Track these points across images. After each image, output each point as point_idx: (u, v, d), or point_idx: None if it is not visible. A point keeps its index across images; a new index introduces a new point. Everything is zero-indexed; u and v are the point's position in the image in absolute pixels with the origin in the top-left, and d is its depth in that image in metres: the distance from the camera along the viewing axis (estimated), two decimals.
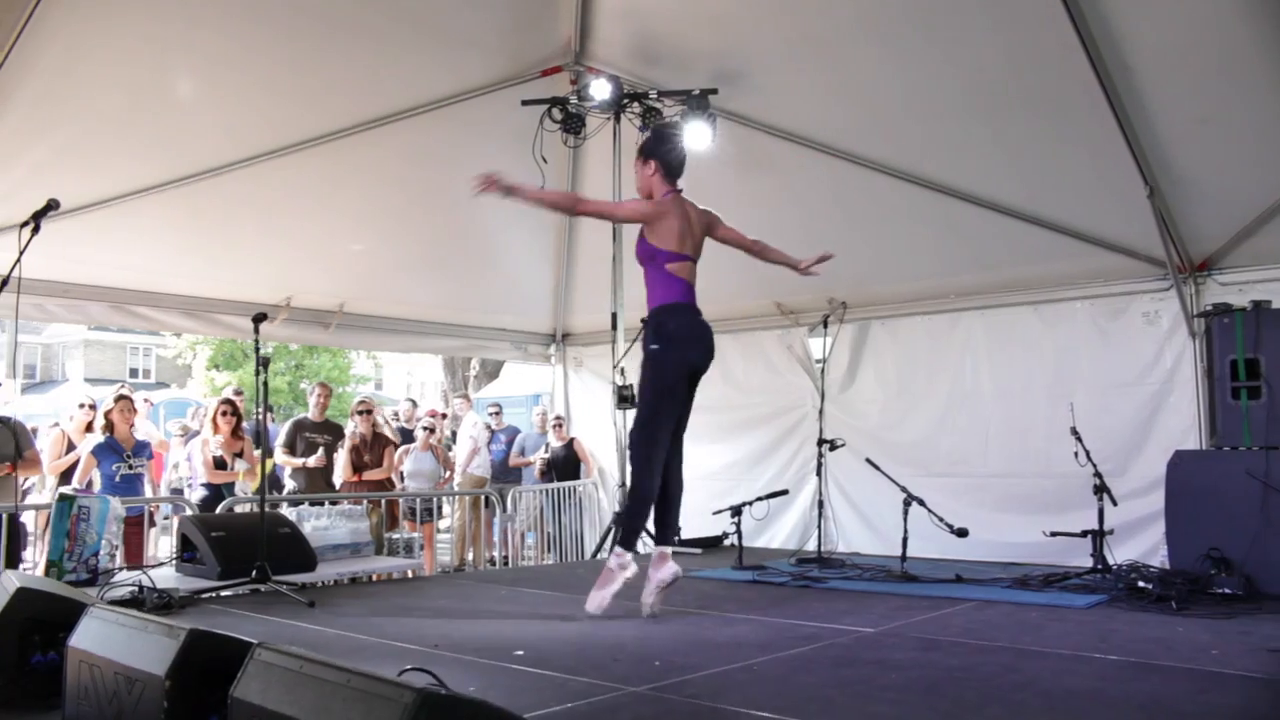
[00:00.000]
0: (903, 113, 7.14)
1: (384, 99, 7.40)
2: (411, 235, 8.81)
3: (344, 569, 5.84)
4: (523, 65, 7.64)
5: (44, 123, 6.42)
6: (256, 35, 6.55)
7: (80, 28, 5.96)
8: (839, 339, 8.99)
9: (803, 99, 7.33)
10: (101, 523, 5.20)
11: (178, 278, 8.11)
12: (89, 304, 7.92)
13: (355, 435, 9.06)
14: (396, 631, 4.27)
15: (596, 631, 4.41)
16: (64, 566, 5.13)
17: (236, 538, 5.35)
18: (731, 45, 7.16)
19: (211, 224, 7.71)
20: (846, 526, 8.89)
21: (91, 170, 6.94)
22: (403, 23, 6.89)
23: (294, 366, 25.97)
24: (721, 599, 5.24)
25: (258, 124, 7.19)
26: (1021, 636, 4.14)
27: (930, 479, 8.24)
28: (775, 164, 7.81)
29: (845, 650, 3.94)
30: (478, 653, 3.82)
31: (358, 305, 9.29)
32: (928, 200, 7.54)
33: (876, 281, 8.56)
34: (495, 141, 8.00)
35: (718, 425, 9.79)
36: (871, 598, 5.24)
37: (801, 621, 4.52)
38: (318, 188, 7.83)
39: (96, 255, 7.53)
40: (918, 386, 8.60)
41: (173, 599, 4.74)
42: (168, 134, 6.94)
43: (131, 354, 37.61)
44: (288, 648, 2.31)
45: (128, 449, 7.49)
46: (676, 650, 3.93)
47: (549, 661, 3.69)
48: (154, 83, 6.64)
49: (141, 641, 2.57)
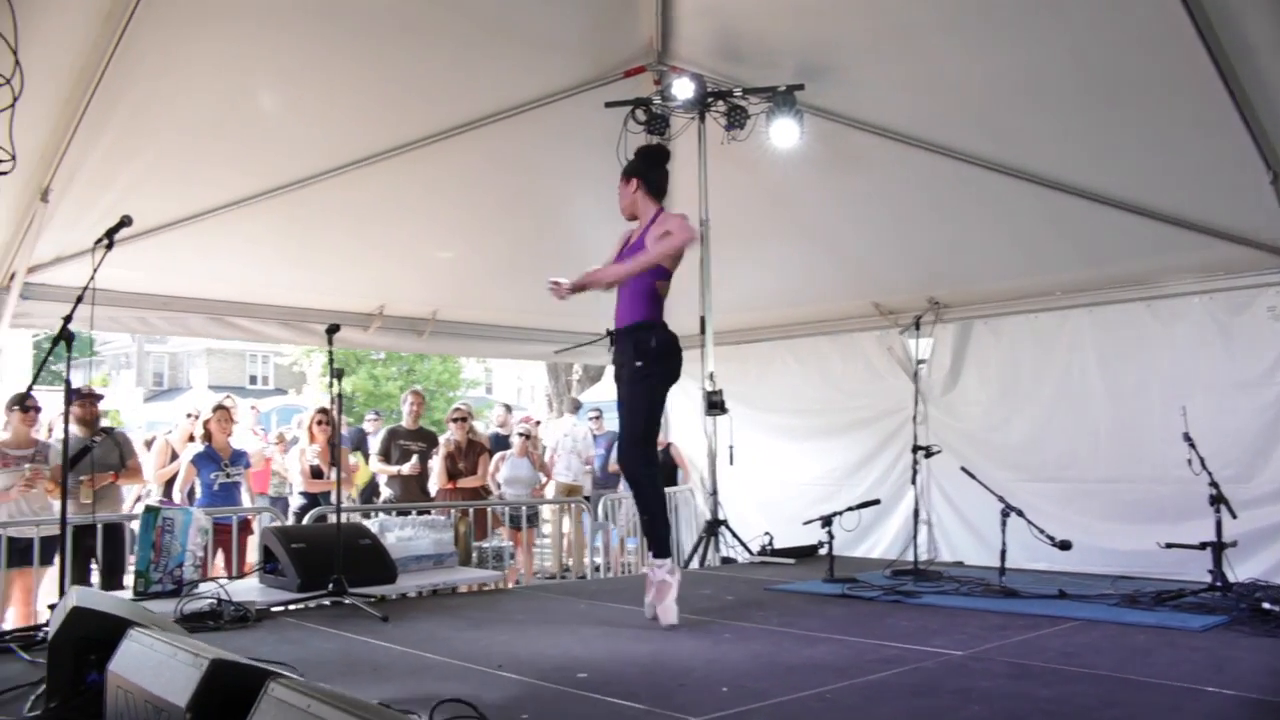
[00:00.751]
0: (1000, 103, 6.81)
1: (468, 105, 7.38)
2: (501, 240, 8.77)
3: (425, 581, 5.79)
4: (605, 67, 7.54)
5: (138, 140, 6.55)
6: (338, 46, 6.57)
7: (168, 47, 6.05)
8: (940, 339, 8.68)
9: (893, 92, 7.06)
10: (185, 534, 5.25)
11: (273, 288, 8.24)
12: (189, 316, 8.09)
13: (450, 443, 9.08)
14: (464, 649, 4.17)
15: (669, 650, 4.24)
16: (150, 577, 5.19)
17: (316, 549, 5.34)
18: (816, 39, 6.93)
19: (304, 235, 7.80)
20: (952, 535, 8.57)
21: (184, 185, 7.06)
22: (484, 27, 6.85)
23: (406, 371, 26.42)
24: (806, 615, 5.02)
25: (344, 134, 7.24)
26: (1126, 663, 3.82)
27: (1036, 484, 7.89)
28: (866, 160, 7.54)
29: (928, 676, 3.69)
30: (540, 675, 3.69)
31: (450, 312, 9.31)
32: (1030, 193, 7.19)
33: (978, 279, 8.22)
34: (580, 144, 7.92)
35: (818, 429, 9.58)
36: (965, 615, 4.95)
37: (886, 642, 4.28)
38: (406, 196, 7.85)
39: (194, 268, 7.68)
40: (1023, 387, 8.23)
41: (249, 612, 4.75)
42: (256, 148, 7.03)
43: (251, 361, 38.88)
44: (302, 684, 2.21)
45: (225, 458, 7.62)
46: (749, 674, 3.74)
47: (611, 685, 3.54)
48: (240, 97, 6.74)
49: (169, 670, 2.51)
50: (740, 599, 5.56)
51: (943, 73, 6.77)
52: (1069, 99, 6.51)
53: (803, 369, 9.72)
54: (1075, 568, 6.57)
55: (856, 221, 8.24)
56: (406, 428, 8.98)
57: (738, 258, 8.46)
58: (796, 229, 8.46)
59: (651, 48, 7.50)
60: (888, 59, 6.85)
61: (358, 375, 25.50)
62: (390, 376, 25.66)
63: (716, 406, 7.30)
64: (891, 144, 7.31)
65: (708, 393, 7.41)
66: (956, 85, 6.83)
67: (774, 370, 9.95)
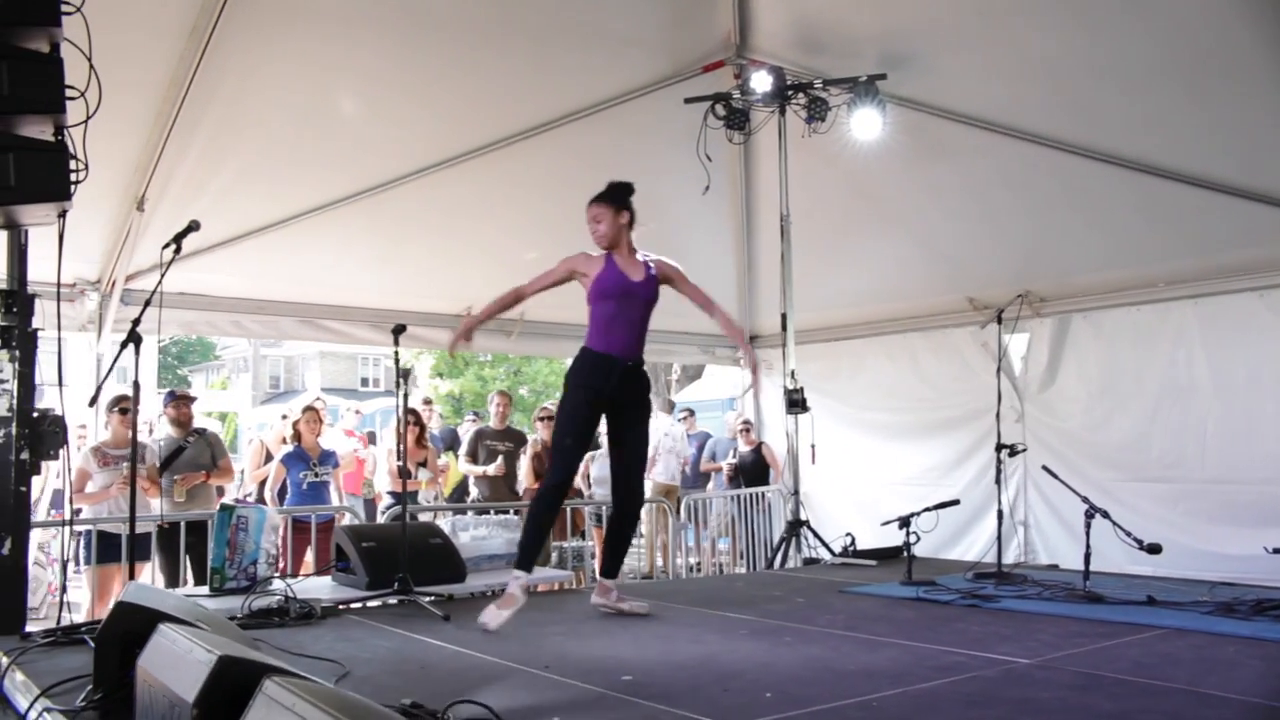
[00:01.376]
0: (1095, 87, 6.53)
1: (550, 104, 7.41)
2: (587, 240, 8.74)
3: (495, 580, 5.77)
4: (684, 62, 7.49)
5: (226, 148, 6.74)
6: (420, 49, 6.68)
7: (251, 56, 6.21)
8: (1036, 335, 8.37)
9: (980, 79, 6.84)
10: (259, 532, 5.35)
11: (361, 291, 8.36)
12: (280, 319, 8.29)
13: (537, 443, 9.09)
14: (517, 650, 4.14)
15: (723, 653, 4.14)
16: (225, 574, 5.31)
17: (385, 548, 5.39)
18: (898, 27, 6.77)
19: (391, 236, 7.92)
20: (1049, 536, 8.26)
21: (273, 190, 7.24)
22: (565, 27, 6.88)
23: (513, 373, 26.72)
24: (874, 619, 4.86)
25: (427, 136, 7.34)
26: (1205, 677, 3.57)
27: (1139, 484, 7.56)
28: (953, 149, 7.31)
29: (987, 685, 3.52)
30: (585, 677, 3.63)
31: (539, 313, 9.31)
32: (1129, 181, 6.89)
33: (1076, 272, 7.91)
34: (661, 140, 7.88)
35: (912, 427, 9.33)
36: (1041, 621, 4.72)
37: (951, 648, 4.11)
38: (489, 196, 7.90)
39: (285, 272, 7.86)
40: (1124, 384, 7.86)
41: (315, 609, 4.81)
42: (341, 151, 7.16)
43: (362, 364, 39.84)
44: (298, 683, 2.19)
45: (314, 458, 7.76)
46: (798, 679, 3.63)
47: (653, 688, 3.47)
48: (324, 102, 6.88)
49: (184, 666, 2.52)
50: (811, 602, 5.43)
51: (1033, 58, 6.54)
52: (1171, 81, 6.24)
53: (895, 366, 9.47)
54: (1175, 572, 6.26)
55: (945, 213, 8.00)
56: (494, 428, 9.03)
57: (822, 253, 8.31)
58: (882, 222, 8.27)
59: (730, 42, 7.43)
60: (973, 45, 6.65)
61: (465, 377, 25.90)
62: (497, 378, 25.97)
63: (797, 405, 7.17)
64: (980, 132, 7.09)
65: (788, 391, 7.28)
66: (1048, 70, 6.58)
67: (866, 368, 9.73)
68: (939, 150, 7.38)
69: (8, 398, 4.63)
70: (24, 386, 4.66)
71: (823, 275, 8.52)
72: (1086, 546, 5.28)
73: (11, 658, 3.86)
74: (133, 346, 4.65)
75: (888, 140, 7.13)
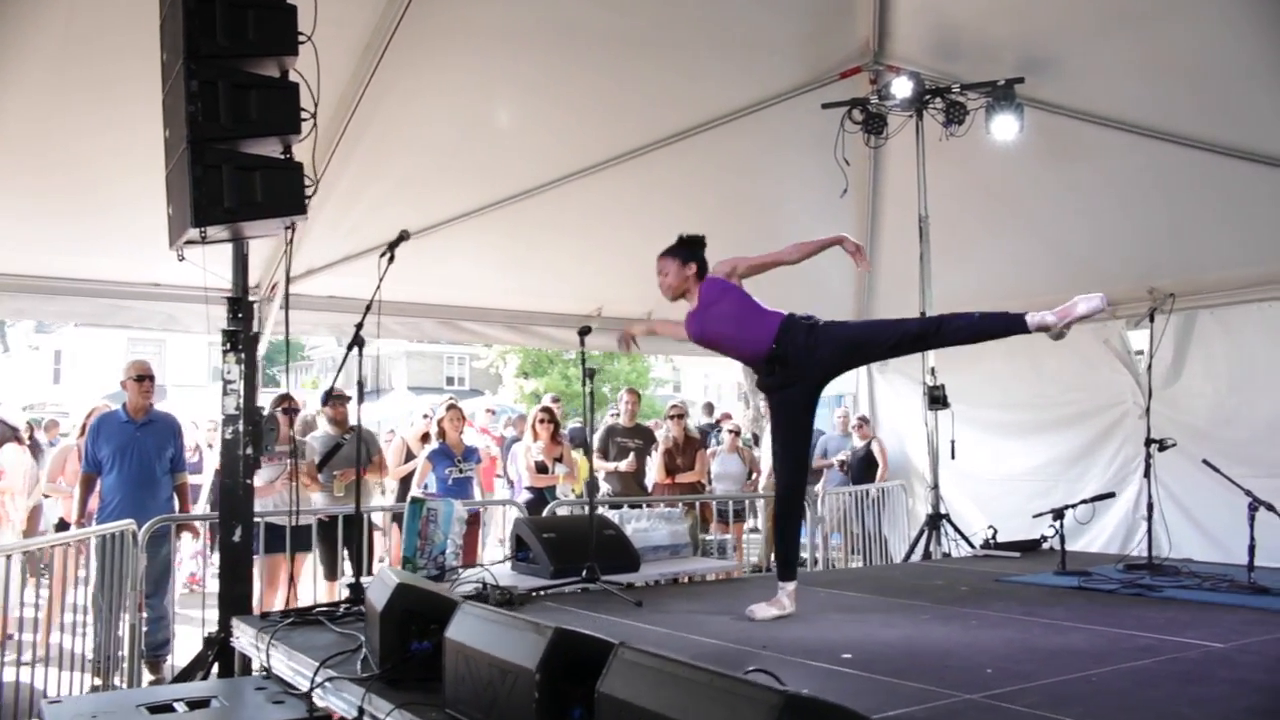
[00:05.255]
0: (1234, 84, 6.60)
1: (689, 112, 7.64)
2: (717, 243, 8.91)
3: (664, 569, 6.07)
4: (822, 69, 7.68)
5: (385, 160, 7.06)
6: (570, 60, 6.91)
7: (417, 71, 6.50)
8: (1161, 331, 8.45)
9: (1119, 80, 6.95)
10: (448, 524, 5.67)
11: (499, 293, 8.69)
12: (422, 320, 8.64)
13: (669, 439, 9.38)
14: (722, 631, 4.40)
15: (921, 634, 4.38)
16: (417, 563, 5.63)
17: (566, 539, 5.68)
18: (1036, 30, 6.90)
19: (529, 242, 8.21)
20: (1176, 531, 8.24)
21: (421, 200, 7.53)
22: (702, 35, 7.09)
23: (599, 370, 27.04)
24: (1048, 605, 5.05)
25: (573, 145, 7.59)
26: None
27: (1272, 479, 7.57)
28: (1089, 151, 7.44)
29: (1194, 666, 3.71)
30: (806, 655, 3.88)
31: (665, 313, 9.50)
32: (1263, 176, 6.93)
33: (1203, 269, 7.95)
34: (797, 147, 8.08)
35: (1030, 424, 9.44)
36: (1216, 610, 4.88)
37: (1137, 632, 4.30)
38: (627, 202, 8.15)
39: (427, 275, 8.15)
40: (1254, 380, 7.90)
41: (514, 595, 5.11)
42: (488, 160, 7.45)
43: (448, 363, 40.48)
44: (647, 648, 2.47)
45: (458, 454, 8.10)
46: (1008, 657, 3.85)
47: (877, 665, 3.71)
48: (478, 114, 7.18)
49: (512, 637, 2.81)
50: (974, 589, 5.62)
51: (1174, 57, 6.62)
52: None
53: (1013, 364, 9.58)
54: None
55: (1076, 213, 8.11)
56: (624, 425, 9.32)
57: (954, 253, 8.46)
58: (1014, 222, 8.40)
59: (868, 48, 7.60)
60: (1110, 47, 6.76)
61: (550, 375, 26.31)
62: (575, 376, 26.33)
63: (939, 401, 7.35)
64: (1112, 132, 7.19)
65: (930, 387, 7.47)
66: (1190, 69, 6.66)
67: (983, 365, 9.83)
68: (1071, 151, 7.51)
69: (235, 397, 5.00)
70: (248, 386, 5.03)
71: (950, 274, 8.66)
72: (1250, 539, 5.41)
73: (270, 634, 4.21)
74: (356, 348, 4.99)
75: (1022, 142, 7.27)
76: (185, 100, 4.18)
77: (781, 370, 4.74)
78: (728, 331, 4.87)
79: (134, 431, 6.81)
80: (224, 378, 5.02)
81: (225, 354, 5.03)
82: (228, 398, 5.00)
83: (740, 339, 4.88)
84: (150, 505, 6.62)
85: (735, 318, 4.83)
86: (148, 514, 6.32)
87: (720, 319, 4.87)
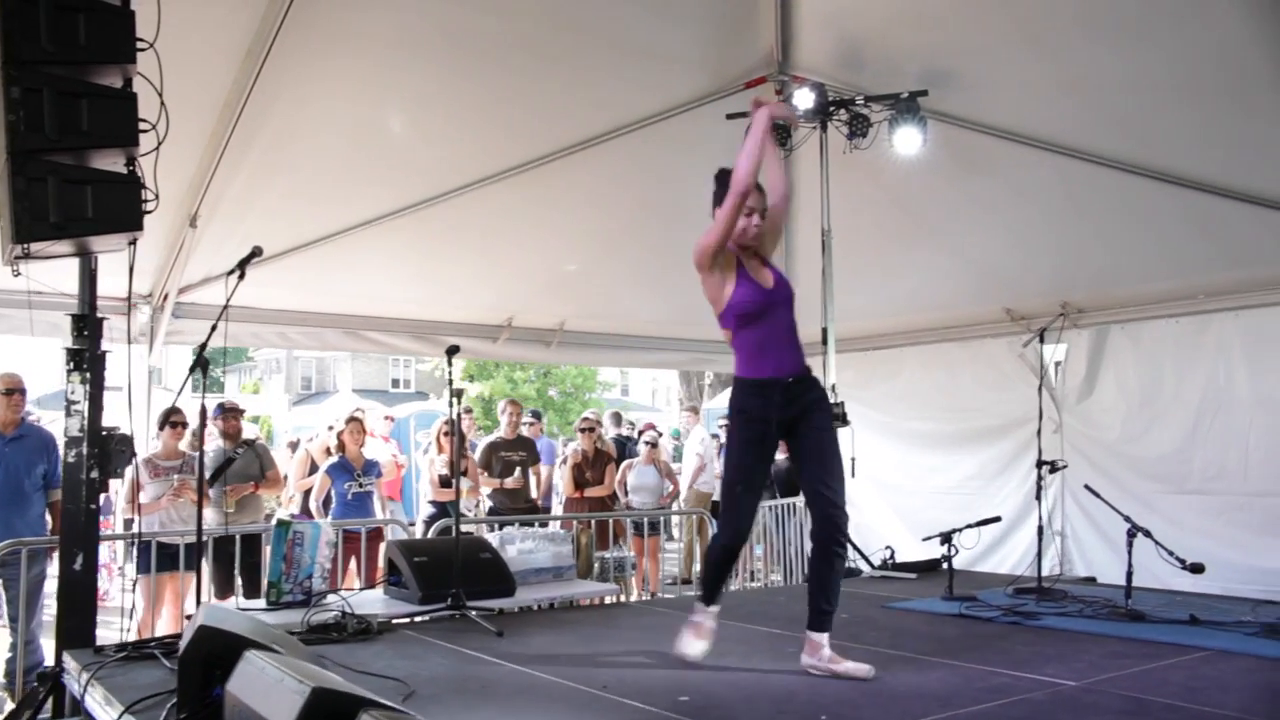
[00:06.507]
0: (1139, 103, 6.53)
1: (591, 121, 7.46)
2: (627, 252, 8.85)
3: (544, 594, 5.90)
4: (726, 79, 7.52)
5: (277, 167, 6.83)
6: (464, 69, 6.71)
7: (303, 78, 6.30)
8: (1074, 345, 8.42)
9: (1023, 95, 6.85)
10: (314, 547, 5.47)
11: (405, 303, 8.51)
12: (325, 330, 8.42)
13: (578, 452, 9.21)
14: (573, 668, 4.24)
15: (772, 675, 4.22)
16: (282, 588, 5.43)
17: (438, 563, 5.50)
18: (941, 43, 6.78)
19: (433, 251, 8.04)
20: (1087, 548, 8.28)
21: (319, 208, 7.34)
22: (605, 45, 6.92)
23: (543, 375, 26.87)
24: (918, 637, 4.93)
25: (471, 153, 7.40)
26: (1254, 703, 3.63)
27: (1182, 496, 7.59)
28: (994, 165, 7.35)
29: (1034, 710, 3.59)
30: (643, 697, 3.73)
31: (578, 323, 9.45)
32: (1170, 194, 6.89)
33: (1115, 284, 7.93)
34: (702, 157, 7.83)
35: (948, 437, 9.38)
36: (1085, 640, 4.78)
37: (998, 669, 4.18)
38: (532, 211, 7.98)
39: (330, 285, 7.98)
40: (1164, 395, 7.88)
41: (371, 624, 4.93)
42: (386, 169, 7.25)
43: (393, 365, 40.15)
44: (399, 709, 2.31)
45: (358, 468, 7.90)
46: (849, 702, 3.71)
47: (710, 711, 3.57)
48: (371, 122, 6.97)
49: (276, 693, 2.63)
50: (855, 617, 5.49)
51: (1077, 74, 6.54)
52: (1215, 97, 6.22)
53: (931, 376, 9.52)
54: (1216, 587, 6.29)
55: (986, 226, 8.04)
56: (505, 438, 9.05)
57: (863, 265, 8.38)
58: (921, 234, 8.31)
59: (772, 58, 7.46)
60: (1015, 62, 6.66)
61: (496, 379, 26.06)
62: (528, 379, 26.15)
63: (838, 419, 7.21)
64: (1021, 147, 7.10)
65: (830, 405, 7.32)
66: (1092, 87, 6.58)
67: (903, 377, 9.79)
68: (979, 164, 7.42)
69: (79, 418, 4.77)
70: (94, 407, 4.81)
71: (860, 286, 8.57)
72: (1129, 565, 5.34)
73: (90, 672, 4.00)
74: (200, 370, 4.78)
75: (928, 155, 7.16)
76: (5, 109, 3.97)
77: (785, 404, 4.21)
78: (786, 323, 4.40)
79: (2, 447, 6.55)
80: (67, 398, 4.78)
81: (69, 373, 4.80)
82: (71, 419, 4.77)
83: (792, 336, 4.40)
84: (18, 524, 6.37)
85: (792, 317, 4.44)
86: (15, 533, 6.09)
87: (786, 299, 4.44)
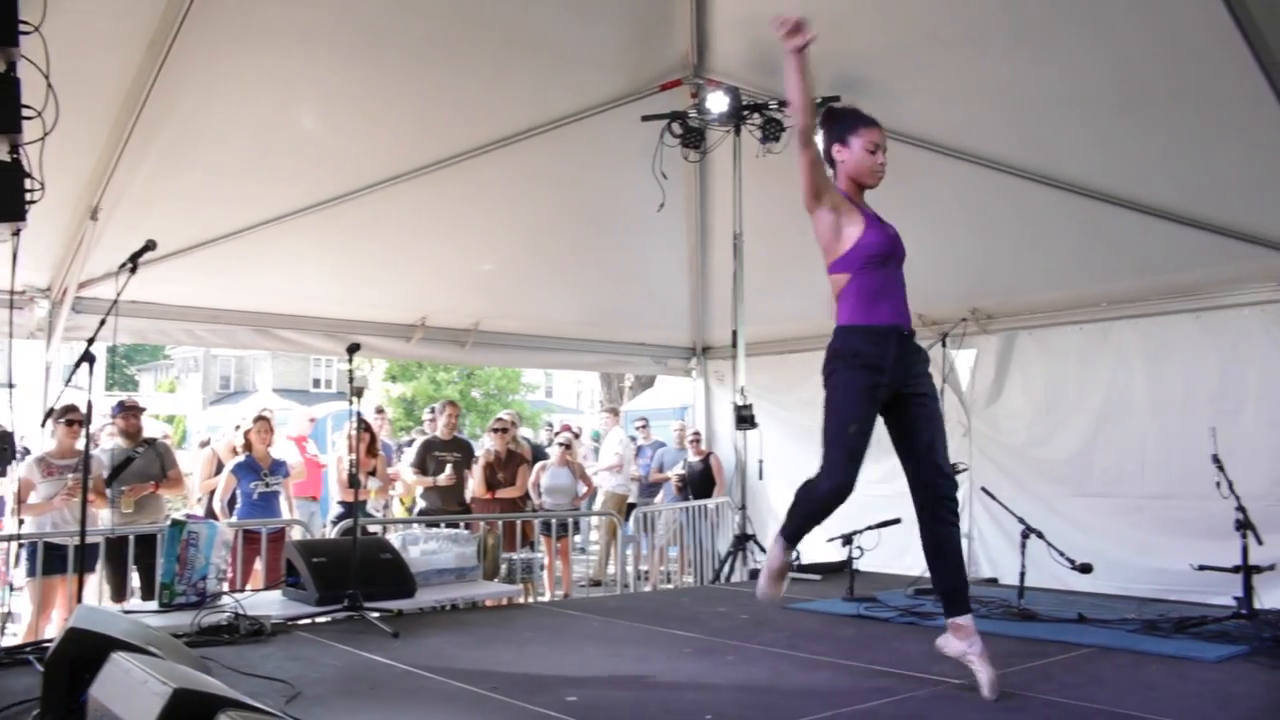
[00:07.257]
0: (1044, 113, 6.69)
1: (505, 120, 7.45)
2: (543, 253, 8.83)
3: (445, 595, 5.83)
4: (641, 80, 7.56)
5: (182, 160, 6.72)
6: (376, 65, 6.68)
7: (210, 70, 6.20)
8: (983, 351, 8.55)
9: (932, 103, 6.98)
10: (209, 547, 5.35)
11: (318, 301, 8.40)
12: (236, 329, 8.27)
13: (490, 453, 9.14)
14: (466, 669, 4.19)
15: (668, 673, 4.23)
16: (175, 589, 5.31)
17: (336, 563, 5.41)
18: (852, 50, 6.85)
19: (347, 249, 7.94)
20: (993, 550, 8.41)
21: (228, 202, 7.23)
22: (520, 44, 6.91)
23: (466, 376, 26.66)
24: (815, 637, 4.96)
25: (382, 151, 7.35)
26: (1127, 696, 3.71)
27: (1083, 499, 7.75)
28: (903, 171, 7.32)
29: (916, 707, 3.63)
30: (530, 697, 3.69)
31: (493, 323, 9.39)
32: (1073, 204, 7.07)
33: (1022, 290, 8.10)
34: (619, 157, 7.95)
35: None
36: None
37: (887, 668, 4.22)
38: (448, 209, 7.95)
39: (240, 282, 7.85)
40: (1068, 400, 8.05)
41: (265, 626, 4.83)
42: (296, 165, 7.18)
43: (315, 365, 39.54)
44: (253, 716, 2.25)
45: (265, 468, 7.75)
46: (737, 701, 3.72)
47: (596, 711, 3.54)
48: (281, 117, 6.89)
49: (138, 696, 2.56)
50: (755, 618, 5.52)
51: (984, 84, 6.69)
52: (1116, 109, 6.39)
53: None
54: (1113, 586, 6.44)
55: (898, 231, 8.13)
56: (441, 438, 9.02)
57: (773, 268, 8.44)
58: None
59: (687, 61, 7.52)
60: (923, 70, 6.78)
61: (419, 380, 25.81)
62: (451, 380, 25.92)
63: (746, 421, 7.27)
64: (929, 155, 7.23)
65: (737, 407, 7.39)
66: (999, 96, 6.74)
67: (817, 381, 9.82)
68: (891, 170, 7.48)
69: None
70: None
71: (773, 289, 8.63)
72: (1021, 566, 5.44)
73: None
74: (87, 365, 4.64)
75: None
76: None
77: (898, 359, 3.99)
78: (900, 275, 4.15)
79: None
80: None
81: None
82: None
83: (905, 292, 4.14)
84: None
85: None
86: None
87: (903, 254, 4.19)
